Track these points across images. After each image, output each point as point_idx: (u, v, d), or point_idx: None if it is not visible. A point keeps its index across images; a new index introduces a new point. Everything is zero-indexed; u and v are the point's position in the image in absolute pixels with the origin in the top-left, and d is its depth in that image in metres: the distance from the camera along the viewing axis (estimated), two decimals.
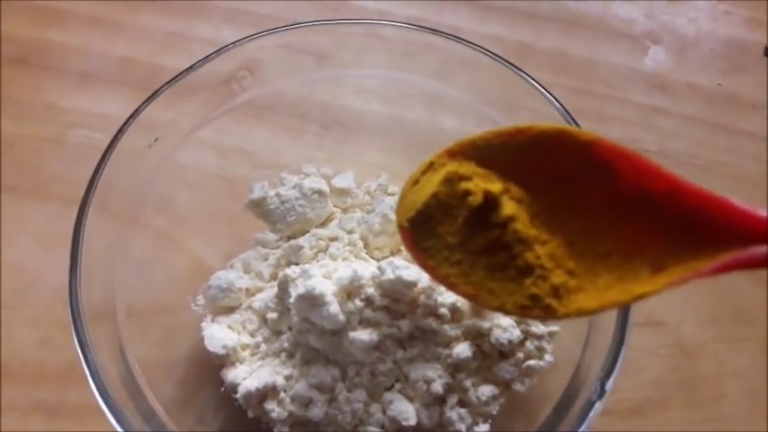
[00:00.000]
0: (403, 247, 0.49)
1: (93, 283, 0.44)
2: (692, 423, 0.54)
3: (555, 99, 0.49)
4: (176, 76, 0.50)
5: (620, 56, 0.72)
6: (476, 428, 0.45)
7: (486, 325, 0.45)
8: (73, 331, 0.41)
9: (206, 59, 0.51)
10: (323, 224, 0.55)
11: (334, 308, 0.44)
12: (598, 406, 0.39)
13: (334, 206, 0.56)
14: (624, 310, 0.42)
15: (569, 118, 0.49)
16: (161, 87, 0.50)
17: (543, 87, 0.50)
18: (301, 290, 0.44)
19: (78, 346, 0.40)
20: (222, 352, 0.47)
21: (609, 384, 0.39)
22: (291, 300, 0.45)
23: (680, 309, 0.59)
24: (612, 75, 0.71)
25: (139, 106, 0.49)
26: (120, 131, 0.48)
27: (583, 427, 0.38)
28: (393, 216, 0.50)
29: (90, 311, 0.42)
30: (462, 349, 0.45)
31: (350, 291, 0.45)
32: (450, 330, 0.45)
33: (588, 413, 0.39)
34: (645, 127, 0.68)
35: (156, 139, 0.50)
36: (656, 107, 0.69)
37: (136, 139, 0.49)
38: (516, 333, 0.45)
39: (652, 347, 0.57)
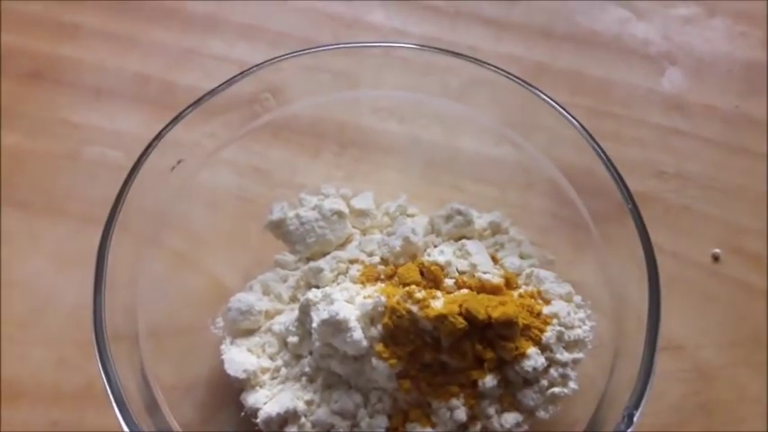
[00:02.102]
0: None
1: (115, 304, 0.44)
2: None
3: (574, 118, 0.49)
4: (201, 98, 0.50)
5: (637, 76, 0.72)
6: None
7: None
8: (96, 352, 0.40)
9: (230, 81, 0.51)
10: (342, 245, 0.54)
11: (357, 334, 0.43)
12: None
13: (354, 227, 0.56)
14: (651, 338, 0.41)
15: (588, 137, 0.48)
16: (186, 109, 0.50)
17: (562, 107, 0.50)
18: (325, 315, 0.44)
19: (101, 367, 0.40)
20: (243, 376, 0.46)
21: (637, 415, 0.39)
22: (314, 324, 0.45)
23: (699, 332, 0.58)
24: (629, 95, 0.71)
25: (165, 127, 0.49)
26: (145, 153, 0.48)
27: None
28: (414, 239, 0.50)
29: (112, 332, 0.42)
30: (487, 380, 0.44)
31: (373, 316, 0.45)
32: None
33: None
34: (662, 148, 0.67)
35: (180, 161, 0.49)
36: (673, 128, 0.69)
37: (159, 160, 0.49)
38: (541, 360, 0.44)
39: (671, 372, 0.56)
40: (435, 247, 0.51)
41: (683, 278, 0.60)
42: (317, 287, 0.50)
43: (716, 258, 0.61)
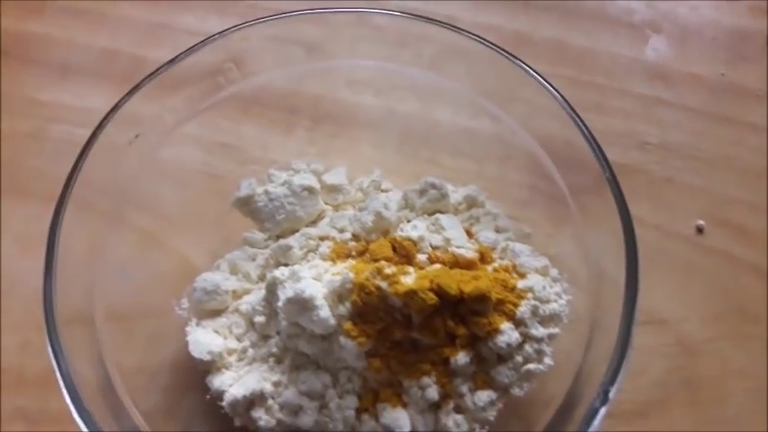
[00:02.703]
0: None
1: (71, 286, 0.42)
2: (695, 424, 0.53)
3: (554, 89, 0.47)
4: (159, 69, 0.48)
5: (620, 45, 0.70)
6: None
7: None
8: (46, 335, 0.39)
9: (190, 51, 0.49)
10: (313, 222, 0.53)
11: (324, 312, 0.42)
12: (602, 413, 0.37)
13: (326, 203, 0.54)
14: (628, 311, 0.40)
15: (569, 109, 0.47)
16: (143, 80, 0.48)
17: (542, 77, 0.48)
18: (290, 293, 0.42)
19: (51, 352, 0.38)
20: (207, 358, 0.45)
21: (613, 391, 0.37)
22: (280, 303, 0.43)
23: (682, 306, 0.57)
24: (612, 65, 0.69)
25: (120, 100, 0.47)
26: (100, 126, 0.46)
27: None
28: (386, 213, 0.48)
29: (67, 315, 0.40)
30: (460, 357, 0.43)
31: (341, 294, 0.43)
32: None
33: (592, 421, 0.37)
34: (646, 119, 0.65)
35: (137, 136, 0.48)
36: (657, 98, 0.67)
37: (117, 135, 0.47)
38: (515, 336, 0.43)
39: (653, 346, 0.55)
40: (409, 222, 0.50)
41: (666, 251, 0.59)
42: (287, 265, 0.48)
43: (700, 230, 0.60)
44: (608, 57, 0.69)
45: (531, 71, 0.48)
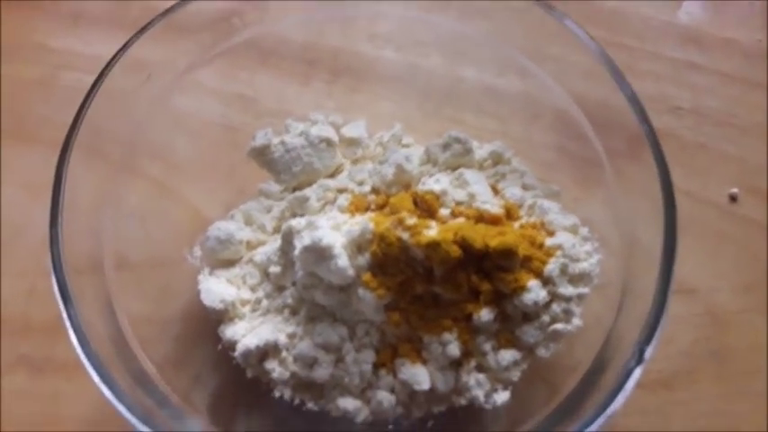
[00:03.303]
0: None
1: (78, 232, 0.40)
2: (721, 398, 0.51)
3: (590, 38, 0.45)
4: (170, 9, 0.46)
5: (653, 7, 0.67)
6: (494, 396, 0.42)
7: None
8: (54, 281, 0.37)
9: None
10: (331, 176, 0.51)
11: (342, 261, 0.40)
12: (637, 374, 0.35)
13: (344, 157, 0.52)
14: (666, 272, 0.38)
15: (605, 60, 0.44)
16: (153, 20, 0.46)
17: (577, 26, 0.45)
18: (307, 241, 0.40)
19: (60, 298, 0.37)
20: (220, 307, 0.43)
21: (649, 351, 0.35)
22: (296, 252, 0.41)
23: (713, 275, 0.54)
24: (644, 27, 0.66)
25: (129, 40, 0.45)
26: (108, 67, 0.44)
27: (620, 398, 0.34)
28: (408, 166, 0.46)
29: (74, 262, 0.39)
30: (483, 314, 0.41)
31: (360, 244, 0.41)
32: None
33: (626, 381, 0.35)
34: (678, 83, 0.63)
35: (149, 75, 0.45)
36: (690, 62, 0.64)
37: (126, 78, 0.45)
38: (542, 294, 0.41)
39: (683, 316, 0.53)
40: (431, 176, 0.48)
41: (697, 219, 0.56)
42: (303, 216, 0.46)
43: (733, 198, 0.57)
44: (640, 19, 0.67)
45: (567, 21, 0.46)
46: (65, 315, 0.36)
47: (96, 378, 0.34)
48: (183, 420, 0.37)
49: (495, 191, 0.47)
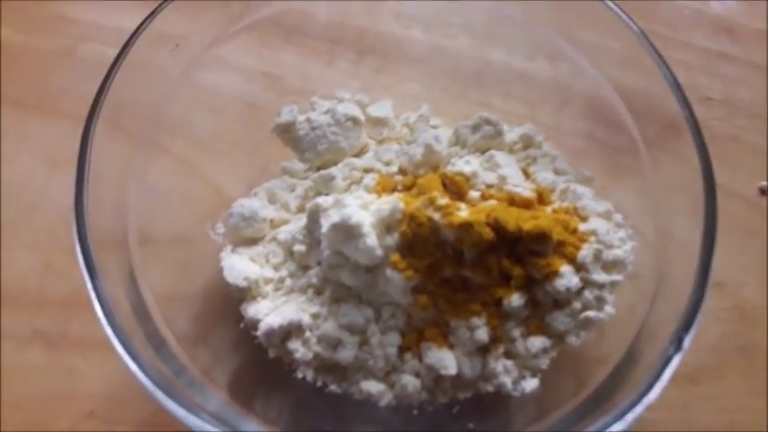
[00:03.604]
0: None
1: (102, 206, 0.39)
2: (748, 394, 0.50)
3: (633, 22, 0.44)
4: None
5: None
6: (523, 383, 0.41)
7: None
8: (79, 253, 0.36)
9: None
10: (356, 156, 0.50)
11: (371, 240, 0.39)
12: (676, 363, 0.34)
13: (369, 137, 0.51)
14: (705, 260, 0.37)
15: (647, 44, 0.43)
16: None
17: (620, 9, 0.44)
18: (336, 219, 0.39)
19: (85, 270, 0.35)
20: (243, 284, 0.42)
21: (687, 340, 0.34)
22: (323, 230, 0.40)
23: (742, 269, 0.53)
24: (675, 16, 0.65)
25: (153, 11, 0.44)
26: (133, 38, 0.43)
27: (657, 388, 0.33)
28: (437, 147, 0.45)
29: (98, 235, 0.37)
30: (514, 299, 0.39)
31: (389, 224, 0.40)
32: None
33: (664, 369, 0.33)
34: (709, 73, 0.62)
35: (177, 45, 0.44)
36: (721, 53, 0.63)
37: (150, 50, 0.44)
38: (575, 280, 0.40)
39: (710, 310, 0.49)
40: (460, 158, 0.46)
41: (726, 212, 0.53)
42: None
43: (763, 192, 0.56)
44: (672, 7, 0.66)
45: (610, 4, 0.45)
46: (90, 287, 0.35)
47: (121, 350, 0.33)
48: (205, 394, 0.36)
49: (527, 174, 0.46)
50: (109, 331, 0.34)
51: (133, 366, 0.33)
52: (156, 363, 0.35)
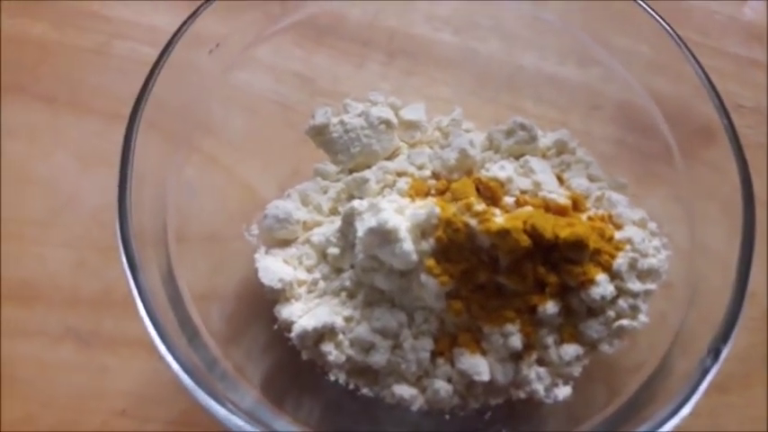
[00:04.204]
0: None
1: (141, 203, 0.39)
2: None
3: (668, 26, 0.43)
4: None
5: (717, 3, 0.66)
6: (555, 390, 0.41)
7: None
8: (121, 249, 0.36)
9: None
10: (388, 159, 0.50)
11: (407, 245, 0.39)
12: (713, 374, 0.34)
13: (401, 140, 0.51)
14: (743, 272, 0.37)
15: (684, 49, 0.43)
16: None
17: (655, 13, 0.44)
18: (372, 223, 0.39)
19: (126, 264, 0.36)
20: (278, 286, 0.42)
21: (725, 351, 0.34)
22: (359, 234, 0.40)
23: None
24: (707, 22, 0.65)
25: (194, 12, 0.44)
26: (174, 39, 0.43)
27: (695, 399, 0.33)
28: (472, 152, 0.45)
29: (138, 232, 0.38)
30: (548, 306, 0.40)
31: (425, 229, 0.40)
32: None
33: (702, 381, 0.34)
34: (740, 81, 0.61)
35: (218, 45, 0.45)
36: (753, 60, 0.63)
37: (189, 51, 0.44)
38: (610, 289, 0.40)
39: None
40: (494, 163, 0.47)
41: (757, 220, 0.55)
42: (361, 199, 0.45)
43: None
44: (704, 13, 0.65)
45: (645, 7, 0.45)
46: (131, 282, 0.35)
47: (161, 346, 0.33)
48: (238, 389, 0.36)
49: (561, 181, 0.46)
50: (148, 323, 0.34)
51: (170, 359, 0.33)
52: (192, 356, 0.36)
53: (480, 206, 0.40)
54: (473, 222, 0.39)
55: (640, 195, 0.48)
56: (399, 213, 0.41)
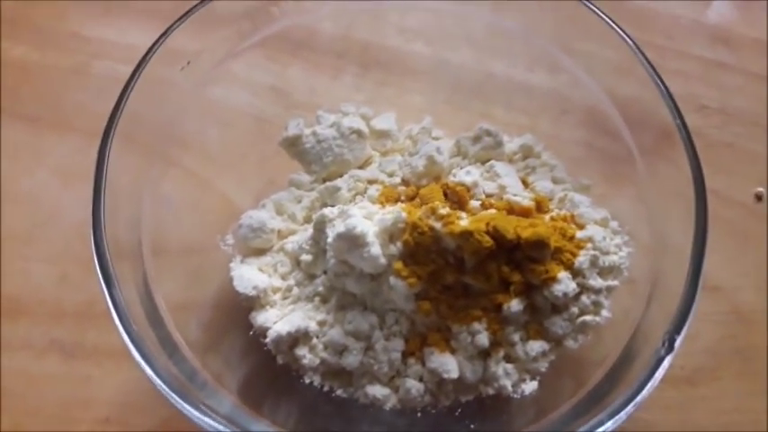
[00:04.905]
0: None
1: (117, 217, 0.41)
2: (745, 395, 0.51)
3: (626, 34, 0.45)
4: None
5: (682, 7, 0.67)
6: (522, 386, 0.42)
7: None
8: (96, 263, 0.37)
9: None
10: (360, 167, 0.51)
11: (375, 249, 0.40)
12: (667, 364, 0.35)
13: (373, 149, 0.52)
14: (696, 263, 0.38)
15: (639, 55, 0.44)
16: (192, 9, 0.46)
17: (610, 19, 0.46)
18: (341, 229, 0.41)
19: (102, 279, 0.37)
20: (252, 293, 0.44)
21: (679, 340, 0.36)
22: (329, 240, 0.42)
23: (738, 273, 0.55)
24: (672, 26, 0.66)
25: (167, 30, 0.45)
26: (147, 56, 0.44)
27: (649, 387, 0.35)
28: (439, 158, 0.47)
29: (114, 246, 0.39)
30: (513, 304, 0.41)
31: (392, 233, 0.41)
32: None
33: (656, 370, 0.35)
34: (706, 82, 0.63)
35: (189, 62, 0.46)
36: (718, 62, 0.64)
37: (163, 67, 0.45)
38: (572, 286, 0.41)
39: (707, 313, 0.53)
40: (461, 168, 0.48)
41: (723, 217, 0.57)
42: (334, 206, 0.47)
43: (759, 198, 0.58)
44: (668, 17, 0.67)
45: (604, 17, 0.46)
46: (107, 296, 0.36)
47: (137, 355, 0.35)
48: (217, 397, 0.37)
49: (526, 184, 0.48)
50: (125, 337, 0.36)
51: (148, 370, 0.34)
52: (170, 367, 0.37)
53: (444, 210, 0.41)
54: (438, 225, 0.40)
55: (608, 195, 0.50)
56: (368, 219, 0.43)
